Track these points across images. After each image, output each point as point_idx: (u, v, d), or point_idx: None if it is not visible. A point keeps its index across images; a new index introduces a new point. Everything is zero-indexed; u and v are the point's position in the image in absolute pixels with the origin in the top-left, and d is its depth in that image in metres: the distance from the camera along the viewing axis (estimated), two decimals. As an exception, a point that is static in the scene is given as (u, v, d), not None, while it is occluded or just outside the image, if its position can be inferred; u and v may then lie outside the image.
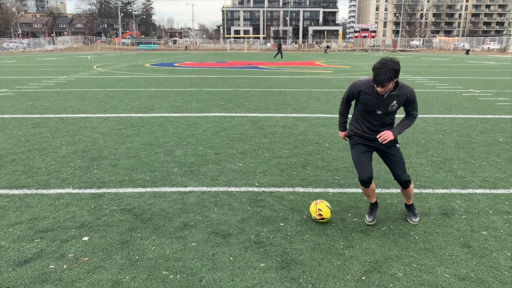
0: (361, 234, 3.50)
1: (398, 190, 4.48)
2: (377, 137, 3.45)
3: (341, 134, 3.89)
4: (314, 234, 3.49)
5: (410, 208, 3.83)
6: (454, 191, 4.50)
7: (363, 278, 2.87)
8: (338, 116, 3.81)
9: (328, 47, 59.09)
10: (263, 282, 2.81)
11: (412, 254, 3.19)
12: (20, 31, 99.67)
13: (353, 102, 3.73)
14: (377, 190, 4.49)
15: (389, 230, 3.58)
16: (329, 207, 3.69)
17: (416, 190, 4.48)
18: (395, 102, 3.39)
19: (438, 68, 24.81)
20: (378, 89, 3.28)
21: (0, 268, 2.95)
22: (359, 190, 4.49)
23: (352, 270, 2.97)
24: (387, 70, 3.18)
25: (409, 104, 3.46)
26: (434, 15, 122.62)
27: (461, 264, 3.05)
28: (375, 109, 3.45)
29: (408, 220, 3.77)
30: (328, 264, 3.04)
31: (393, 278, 2.87)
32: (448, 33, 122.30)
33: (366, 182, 3.50)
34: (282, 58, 37.16)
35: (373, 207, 3.77)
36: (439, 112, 9.36)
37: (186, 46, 76.78)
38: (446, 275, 2.91)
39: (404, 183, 3.60)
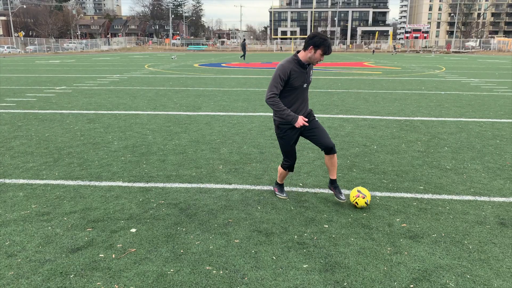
0: (410, 241, 3.35)
1: (451, 196, 4.25)
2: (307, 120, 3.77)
3: (300, 119, 3.69)
4: (359, 238, 3.39)
5: (335, 184, 4.07)
6: (513, 200, 4.21)
7: (411, 286, 2.74)
8: (281, 110, 3.67)
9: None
10: (306, 284, 2.77)
11: (465, 264, 3.01)
12: (79, 32, 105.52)
13: None
14: (427, 196, 4.29)
15: (440, 237, 3.40)
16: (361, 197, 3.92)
17: (470, 197, 4.23)
18: (311, 72, 3.86)
19: (495, 71, 23.41)
20: (323, 57, 3.63)
21: (55, 254, 3.11)
22: (408, 195, 4.31)
23: (399, 277, 2.85)
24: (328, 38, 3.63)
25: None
26: (492, 14, 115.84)
27: (521, 278, 2.83)
28: (303, 84, 3.75)
29: (336, 198, 4.04)
30: (374, 270, 2.93)
31: (443, 288, 2.72)
32: (508, 33, 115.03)
33: (292, 166, 4.07)
34: (242, 57, 35.26)
35: (282, 186, 4.31)
36: (497, 116, 8.82)
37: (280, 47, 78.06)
38: (503, 289, 2.71)
39: (333, 149, 3.84)
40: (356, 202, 3.93)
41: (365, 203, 3.92)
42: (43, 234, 3.41)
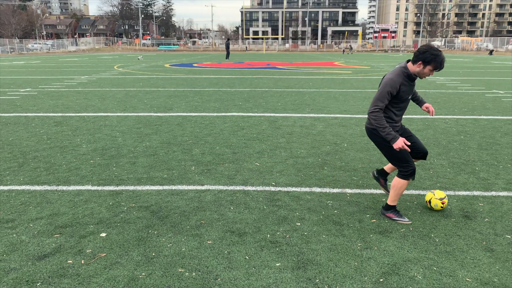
0: (379, 236, 3.43)
1: (418, 192, 4.38)
2: (431, 113, 3.84)
3: (401, 141, 3.47)
4: (331, 235, 3.44)
5: (386, 177, 4.21)
6: (476, 193, 4.38)
7: (381, 280, 2.81)
8: (382, 128, 3.49)
9: (351, 47, 58.58)
10: (279, 282, 2.79)
11: (432, 257, 3.11)
12: (44, 33, 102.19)
13: None
14: (396, 191, 4.40)
15: (408, 232, 3.50)
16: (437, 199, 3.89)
17: (436, 192, 4.37)
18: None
19: (460, 69, 24.27)
20: (433, 72, 3.49)
21: (20, 262, 3.00)
22: (377, 191, 4.41)
23: (369, 271, 2.91)
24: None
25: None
26: (456, 15, 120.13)
27: (484, 268, 2.95)
28: (408, 95, 3.66)
29: (384, 189, 4.18)
30: (345, 265, 2.98)
31: (412, 281, 2.80)
32: (471, 33, 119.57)
33: (414, 171, 3.66)
34: (227, 58, 35.71)
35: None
36: (461, 113, 9.15)
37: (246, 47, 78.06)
38: (467, 279, 2.82)
39: (426, 154, 3.86)
40: (442, 202, 3.87)
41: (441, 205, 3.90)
42: (7, 242, 3.29)
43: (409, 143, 3.55)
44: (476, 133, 7.16)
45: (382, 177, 4.19)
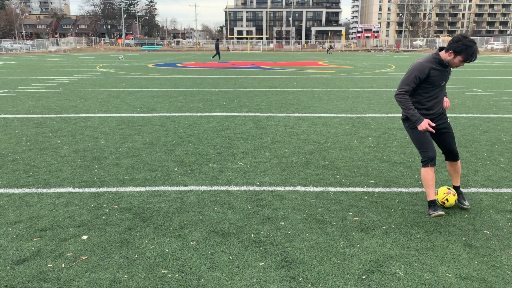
0: (362, 233, 3.46)
1: (400, 189, 4.44)
2: (445, 106, 3.76)
3: (425, 122, 3.57)
4: (314, 233, 3.46)
5: (460, 191, 3.97)
6: (456, 190, 4.45)
7: (363, 277, 2.84)
8: (407, 108, 3.61)
9: (331, 47, 58.83)
10: (263, 281, 2.79)
11: (413, 253, 3.16)
12: (24, 32, 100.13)
13: None
14: (378, 189, 4.46)
15: (390, 229, 3.55)
16: (448, 194, 3.86)
17: (417, 189, 4.44)
18: (450, 69, 3.69)
19: (441, 68, 24.67)
20: (463, 64, 3.48)
21: (-1, 267, 2.93)
22: (360, 189, 4.46)
23: (352, 269, 2.94)
24: (475, 43, 3.41)
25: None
26: (437, 15, 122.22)
27: (463, 264, 3.01)
28: (441, 82, 3.64)
29: (460, 204, 3.91)
30: (328, 263, 3.01)
31: (393, 278, 2.83)
32: (451, 33, 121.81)
33: (434, 158, 3.65)
34: (219, 58, 36.07)
35: (435, 202, 3.76)
36: (442, 112, 9.29)
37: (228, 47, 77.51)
38: (447, 275, 2.87)
39: (457, 155, 3.83)
40: (446, 199, 3.87)
41: (455, 201, 3.88)
42: (-15, 247, 3.21)
43: (433, 125, 3.62)
44: (456, 131, 7.30)
45: (457, 192, 4.02)
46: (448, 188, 3.96)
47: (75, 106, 10.05)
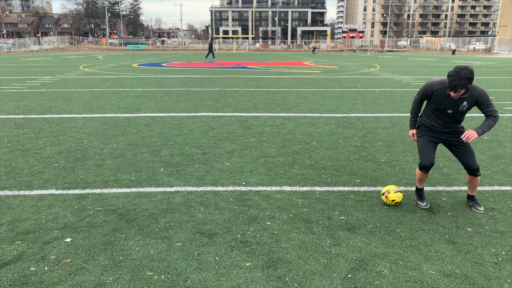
0: (348, 232, 3.49)
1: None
2: (462, 137, 3.57)
3: (411, 132, 4.10)
4: (300, 233, 3.47)
5: (473, 198, 4.04)
6: (440, 188, 4.53)
7: (349, 276, 2.86)
8: (410, 115, 4.11)
9: (315, 47, 59.07)
10: (249, 282, 2.78)
11: (398, 251, 3.19)
12: (4, 31, 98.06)
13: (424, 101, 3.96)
14: (363, 188, 4.50)
15: (375, 227, 3.58)
16: (396, 192, 3.99)
17: (402, 188, 4.49)
18: (465, 103, 3.62)
19: (425, 68, 25.06)
20: (451, 93, 3.50)
21: (-21, 271, 2.87)
22: (346, 188, 4.49)
23: (338, 268, 2.96)
24: (461, 78, 3.37)
25: (480, 104, 3.62)
26: (420, 15, 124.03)
27: (447, 261, 3.06)
28: (446, 109, 3.70)
29: (474, 209, 3.95)
30: (314, 263, 3.02)
31: (379, 276, 2.86)
32: (434, 33, 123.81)
33: (426, 167, 3.82)
34: (214, 57, 36.83)
35: (422, 192, 4.09)
36: (426, 111, 9.43)
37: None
38: (431, 272, 2.91)
39: (476, 170, 3.81)
40: (393, 200, 3.98)
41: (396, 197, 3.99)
42: (-36, 251, 3.14)
43: (415, 140, 4.04)
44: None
45: (470, 200, 4.07)
46: (386, 199, 4.02)
47: (58, 107, 9.89)
